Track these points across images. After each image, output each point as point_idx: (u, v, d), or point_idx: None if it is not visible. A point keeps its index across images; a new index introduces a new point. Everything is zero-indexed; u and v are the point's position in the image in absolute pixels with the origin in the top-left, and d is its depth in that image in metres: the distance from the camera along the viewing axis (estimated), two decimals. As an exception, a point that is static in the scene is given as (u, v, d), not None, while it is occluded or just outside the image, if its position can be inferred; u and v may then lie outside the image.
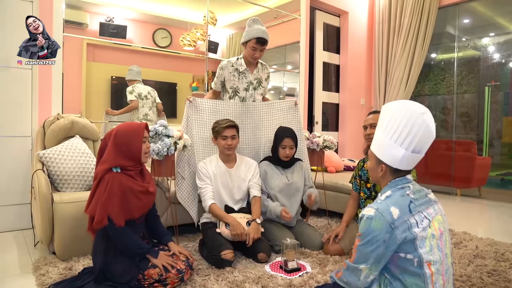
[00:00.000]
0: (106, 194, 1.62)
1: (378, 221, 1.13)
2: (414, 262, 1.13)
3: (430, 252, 1.14)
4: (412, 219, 1.15)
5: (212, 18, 3.93)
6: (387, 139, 1.22)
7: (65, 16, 2.93)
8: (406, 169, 1.24)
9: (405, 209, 1.15)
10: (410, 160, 1.21)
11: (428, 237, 1.15)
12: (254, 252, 2.08)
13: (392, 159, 1.22)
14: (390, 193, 1.21)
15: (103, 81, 3.46)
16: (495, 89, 4.74)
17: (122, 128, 1.76)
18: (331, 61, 5.10)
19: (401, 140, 1.18)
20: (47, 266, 1.93)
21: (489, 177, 4.75)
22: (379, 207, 1.16)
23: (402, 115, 1.18)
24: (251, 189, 2.31)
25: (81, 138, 2.56)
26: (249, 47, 2.43)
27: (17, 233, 2.61)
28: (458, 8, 4.74)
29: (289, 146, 2.39)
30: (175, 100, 3.97)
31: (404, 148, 1.18)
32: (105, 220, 1.60)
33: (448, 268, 1.20)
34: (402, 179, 1.24)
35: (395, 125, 1.19)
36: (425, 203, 1.22)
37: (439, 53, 5.19)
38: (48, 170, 2.30)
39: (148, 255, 1.70)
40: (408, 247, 1.13)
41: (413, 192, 1.21)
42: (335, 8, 4.92)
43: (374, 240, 1.13)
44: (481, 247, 2.37)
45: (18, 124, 2.70)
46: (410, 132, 1.17)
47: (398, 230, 1.13)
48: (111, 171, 1.68)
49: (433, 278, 1.14)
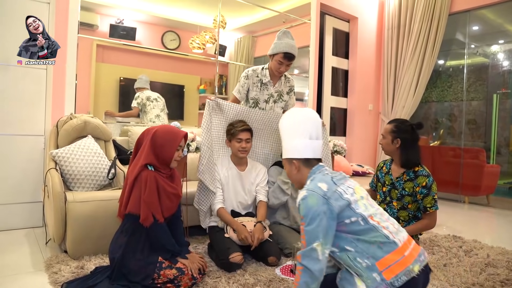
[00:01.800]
0: (148, 191, 1.67)
1: (312, 197, 1.22)
2: (359, 222, 1.22)
3: (366, 209, 1.25)
4: (339, 189, 1.26)
5: (222, 21, 3.96)
6: (287, 141, 1.42)
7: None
8: (313, 156, 1.39)
9: (330, 182, 1.27)
10: (312, 147, 1.38)
11: (359, 199, 1.26)
12: (264, 255, 2.09)
13: (297, 151, 1.39)
14: (312, 178, 1.33)
15: (112, 82, 3.49)
16: (503, 97, 4.72)
17: (162, 130, 1.80)
18: (340, 66, 5.11)
19: (297, 133, 1.39)
20: (59, 265, 1.94)
21: (497, 185, 4.72)
22: (308, 187, 1.27)
23: (287, 118, 1.46)
24: (257, 193, 2.32)
25: (93, 138, 2.58)
26: (275, 60, 2.36)
27: (28, 231, 2.63)
28: (469, 15, 4.74)
29: None
30: (183, 103, 3.99)
31: (303, 137, 1.37)
32: (150, 217, 1.67)
33: (389, 217, 1.31)
34: (318, 166, 1.37)
35: (287, 128, 1.44)
36: (343, 178, 1.34)
37: (448, 60, 5.18)
38: (61, 169, 2.32)
39: (178, 257, 1.77)
40: (348, 212, 1.22)
41: (330, 172, 1.35)
42: (345, 14, 4.93)
43: (316, 215, 1.19)
44: (492, 255, 2.35)
45: (31, 123, 2.72)
46: (299, 126, 1.39)
47: (331, 200, 1.22)
48: (146, 168, 1.73)
49: (382, 225, 1.23)
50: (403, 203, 2.15)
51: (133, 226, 1.72)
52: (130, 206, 1.68)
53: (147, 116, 3.47)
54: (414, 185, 2.09)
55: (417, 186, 2.08)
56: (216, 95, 3.98)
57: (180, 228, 1.95)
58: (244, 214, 2.25)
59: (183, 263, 1.75)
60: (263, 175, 2.37)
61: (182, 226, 1.98)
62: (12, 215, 2.64)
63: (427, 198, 2.06)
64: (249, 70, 2.52)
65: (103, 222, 2.10)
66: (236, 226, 2.09)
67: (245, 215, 2.25)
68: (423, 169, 2.12)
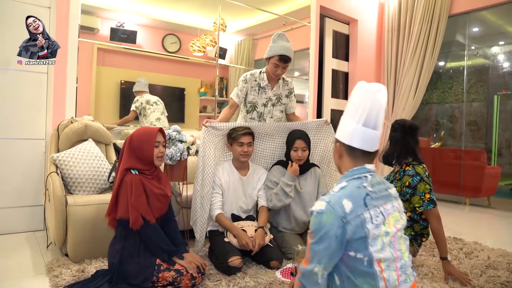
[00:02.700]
0: (134, 195, 1.67)
1: (329, 216, 1.05)
2: (364, 261, 1.07)
3: (381, 250, 1.08)
4: (366, 214, 1.07)
5: (222, 24, 3.98)
6: (343, 118, 1.20)
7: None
8: (361, 147, 1.15)
9: (359, 202, 1.08)
10: (363, 136, 1.14)
11: (381, 235, 1.08)
12: (266, 260, 2.09)
13: (344, 135, 1.17)
14: (345, 183, 1.13)
15: (113, 86, 3.51)
16: (504, 98, 4.72)
17: (136, 133, 1.82)
18: (340, 69, 5.11)
19: (353, 114, 1.16)
20: (60, 268, 1.95)
21: (498, 187, 4.71)
22: (330, 200, 1.07)
23: (357, 93, 1.18)
24: (259, 198, 2.32)
25: (94, 142, 2.59)
26: (271, 63, 2.36)
27: (29, 234, 2.63)
28: (468, 16, 4.74)
29: (301, 148, 2.30)
30: (183, 105, 4.00)
31: (356, 121, 1.14)
32: (140, 220, 1.67)
33: (404, 264, 1.14)
34: (360, 168, 1.16)
35: (350, 104, 1.19)
36: (383, 197, 1.14)
37: (448, 61, 5.19)
38: (62, 172, 2.33)
39: (175, 257, 1.77)
40: (358, 245, 1.06)
41: (371, 185, 1.13)
42: (345, 16, 4.95)
43: (326, 236, 1.04)
44: (493, 257, 2.35)
45: (32, 127, 2.74)
46: (360, 106, 1.14)
47: (350, 225, 1.05)
48: (129, 172, 1.73)
49: (384, 275, 1.08)
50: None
51: (126, 231, 1.73)
52: (120, 212, 1.68)
53: (147, 120, 3.48)
54: (401, 185, 2.11)
55: (403, 186, 2.09)
56: (216, 98, 3.99)
57: (175, 229, 1.94)
58: (244, 218, 2.25)
59: (181, 264, 1.75)
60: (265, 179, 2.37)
61: (176, 225, 1.96)
62: (13, 219, 2.65)
63: (414, 197, 2.05)
64: (247, 74, 2.51)
65: (104, 226, 2.08)
66: (237, 232, 2.08)
67: (245, 218, 2.25)
68: (411, 168, 2.09)
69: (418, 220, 2.13)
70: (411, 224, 2.14)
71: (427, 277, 2.00)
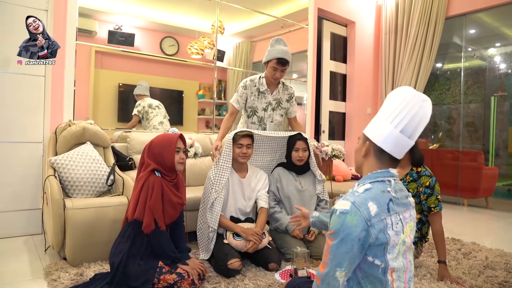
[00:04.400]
0: (153, 199, 1.70)
1: (353, 216, 1.00)
2: (379, 268, 1.03)
3: (395, 259, 1.05)
4: (388, 219, 1.04)
5: (220, 26, 3.99)
6: (379, 117, 1.13)
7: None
8: (391, 152, 1.10)
9: (383, 206, 1.04)
10: (397, 142, 1.09)
11: (399, 243, 1.06)
12: (265, 262, 2.09)
13: (378, 135, 1.11)
14: (369, 186, 1.08)
15: (111, 88, 3.50)
16: (501, 99, 4.75)
17: (156, 140, 1.86)
18: (338, 71, 5.13)
19: (392, 117, 1.09)
20: (58, 272, 1.94)
21: (496, 187, 4.73)
22: (356, 200, 1.02)
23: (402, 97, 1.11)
24: (258, 200, 2.32)
25: (92, 145, 2.58)
26: (270, 67, 2.40)
27: (27, 238, 2.62)
28: (465, 18, 4.77)
29: (302, 149, 2.38)
30: (182, 108, 4.00)
31: (394, 125, 1.08)
32: (152, 225, 1.69)
33: (411, 277, 1.13)
34: (384, 171, 1.11)
35: (391, 104, 1.11)
36: (404, 205, 1.11)
37: (445, 63, 5.22)
38: (60, 176, 2.32)
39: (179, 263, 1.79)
40: (377, 251, 1.02)
41: (394, 190, 1.10)
42: (342, 18, 4.97)
43: (349, 238, 0.99)
44: (491, 258, 2.35)
45: (30, 130, 2.73)
46: (402, 110, 1.08)
47: (373, 229, 1.00)
48: (154, 173, 1.77)
49: (394, 285, 1.05)
50: None
51: (134, 233, 1.74)
52: (137, 213, 1.70)
53: (150, 123, 3.49)
54: (418, 186, 2.10)
55: (420, 186, 2.09)
56: (214, 100, 4.00)
57: (182, 234, 1.97)
58: (243, 220, 2.25)
59: (183, 269, 1.77)
60: (264, 180, 2.37)
61: (183, 232, 1.99)
62: (11, 222, 2.64)
63: (431, 198, 2.06)
64: (247, 80, 2.53)
65: (102, 229, 2.10)
66: (240, 229, 2.08)
67: (244, 221, 2.25)
68: (426, 169, 2.14)
69: (425, 222, 2.15)
70: (420, 227, 2.16)
71: (425, 278, 2.00)
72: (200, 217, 2.28)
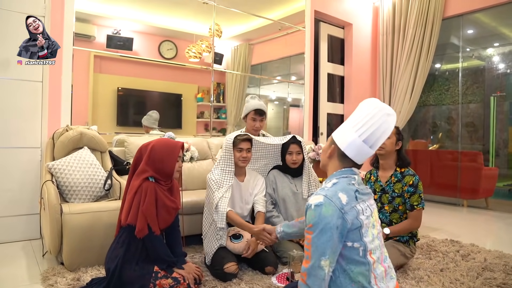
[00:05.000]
0: (146, 204, 1.70)
1: (328, 207, 1.09)
2: (359, 251, 1.12)
3: (372, 241, 1.15)
4: (358, 206, 1.15)
5: (218, 30, 4.00)
6: (347, 125, 1.24)
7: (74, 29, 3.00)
8: (353, 158, 1.22)
9: (352, 196, 1.15)
10: (359, 150, 1.20)
11: (370, 226, 1.16)
12: (262, 265, 2.09)
13: (343, 141, 1.22)
14: (336, 180, 1.20)
15: (110, 93, 3.52)
16: (500, 99, 4.75)
17: (158, 145, 1.83)
18: (336, 73, 5.14)
19: (358, 126, 1.20)
20: (55, 277, 1.95)
21: (497, 188, 4.71)
22: (327, 193, 1.13)
23: (370, 108, 1.21)
24: (256, 204, 2.32)
25: (89, 150, 2.59)
26: (249, 118, 2.64)
27: (26, 243, 2.63)
28: (462, 19, 4.78)
29: (296, 152, 2.40)
30: (181, 111, 4.02)
31: (358, 134, 1.19)
32: (146, 229, 1.69)
33: (386, 258, 1.22)
34: (348, 170, 1.23)
35: (359, 114, 1.23)
36: (367, 194, 1.23)
37: (443, 64, 5.22)
38: (57, 181, 2.33)
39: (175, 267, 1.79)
40: (354, 236, 1.12)
41: (357, 183, 1.22)
42: (339, 20, 4.98)
43: (328, 227, 1.07)
44: (489, 259, 2.35)
45: (28, 136, 2.74)
46: (368, 122, 1.19)
47: (348, 215, 1.11)
48: (147, 180, 1.76)
49: (374, 266, 1.14)
50: (394, 205, 2.20)
51: (129, 238, 1.75)
52: (130, 218, 1.70)
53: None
54: (402, 185, 2.17)
55: (404, 185, 2.16)
56: (212, 104, 4.01)
57: (178, 238, 1.97)
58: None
59: (179, 273, 1.77)
60: (262, 184, 2.38)
61: (179, 236, 1.99)
62: (9, 228, 2.64)
63: (414, 196, 2.13)
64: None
65: (99, 233, 2.10)
66: (249, 228, 2.04)
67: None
68: (409, 169, 2.22)
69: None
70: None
71: (423, 280, 2.00)
72: (205, 222, 2.25)
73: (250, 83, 4.79)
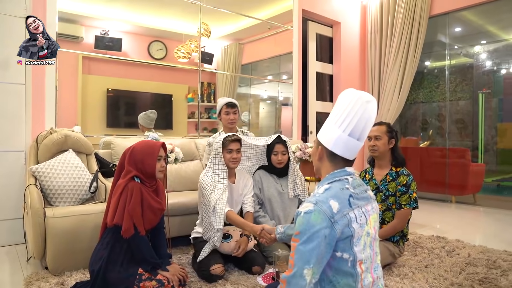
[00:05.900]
0: (132, 203, 1.72)
1: (317, 215, 1.04)
2: (348, 262, 1.07)
3: (363, 250, 1.09)
4: (351, 213, 1.08)
5: (206, 30, 3.99)
6: (329, 122, 1.19)
7: (61, 30, 2.97)
8: (343, 154, 1.16)
9: (344, 202, 1.08)
10: (347, 145, 1.14)
11: (364, 235, 1.10)
12: (249, 265, 2.10)
13: (328, 140, 1.16)
14: (328, 185, 1.13)
15: (99, 94, 3.49)
16: (488, 96, 4.80)
17: (139, 146, 1.87)
18: (324, 71, 5.15)
19: (340, 121, 1.14)
20: (39, 282, 1.93)
21: (485, 183, 4.77)
22: (317, 201, 1.07)
23: (347, 101, 1.16)
24: (244, 204, 2.33)
25: (74, 152, 2.57)
26: (223, 113, 2.74)
27: (10, 248, 2.60)
28: (448, 17, 4.82)
29: (281, 152, 2.41)
30: (171, 112, 4.00)
31: (342, 130, 1.13)
32: (132, 229, 1.70)
33: (377, 266, 1.17)
34: (341, 171, 1.16)
35: (338, 109, 1.17)
36: (364, 199, 1.16)
37: (431, 61, 5.26)
38: (41, 184, 2.31)
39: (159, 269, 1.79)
40: (345, 245, 1.06)
41: (352, 187, 1.15)
42: (327, 19, 4.99)
43: (315, 236, 1.02)
44: (473, 254, 2.38)
45: (11, 139, 2.71)
46: (348, 115, 1.13)
47: (337, 225, 1.04)
48: (133, 180, 1.78)
49: (362, 276, 1.09)
50: (387, 204, 2.21)
51: (114, 239, 1.75)
52: (116, 218, 1.70)
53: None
54: (396, 184, 2.18)
55: (398, 185, 2.17)
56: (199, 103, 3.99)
57: (163, 240, 1.97)
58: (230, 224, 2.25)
59: (164, 275, 1.76)
60: (250, 185, 2.39)
61: (164, 238, 1.99)
62: (-6, 232, 2.61)
63: (404, 195, 2.14)
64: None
65: (85, 237, 2.09)
66: (250, 227, 2.01)
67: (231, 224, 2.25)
68: (404, 169, 2.22)
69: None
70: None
71: (407, 277, 2.01)
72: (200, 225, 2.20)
73: (241, 82, 4.79)
